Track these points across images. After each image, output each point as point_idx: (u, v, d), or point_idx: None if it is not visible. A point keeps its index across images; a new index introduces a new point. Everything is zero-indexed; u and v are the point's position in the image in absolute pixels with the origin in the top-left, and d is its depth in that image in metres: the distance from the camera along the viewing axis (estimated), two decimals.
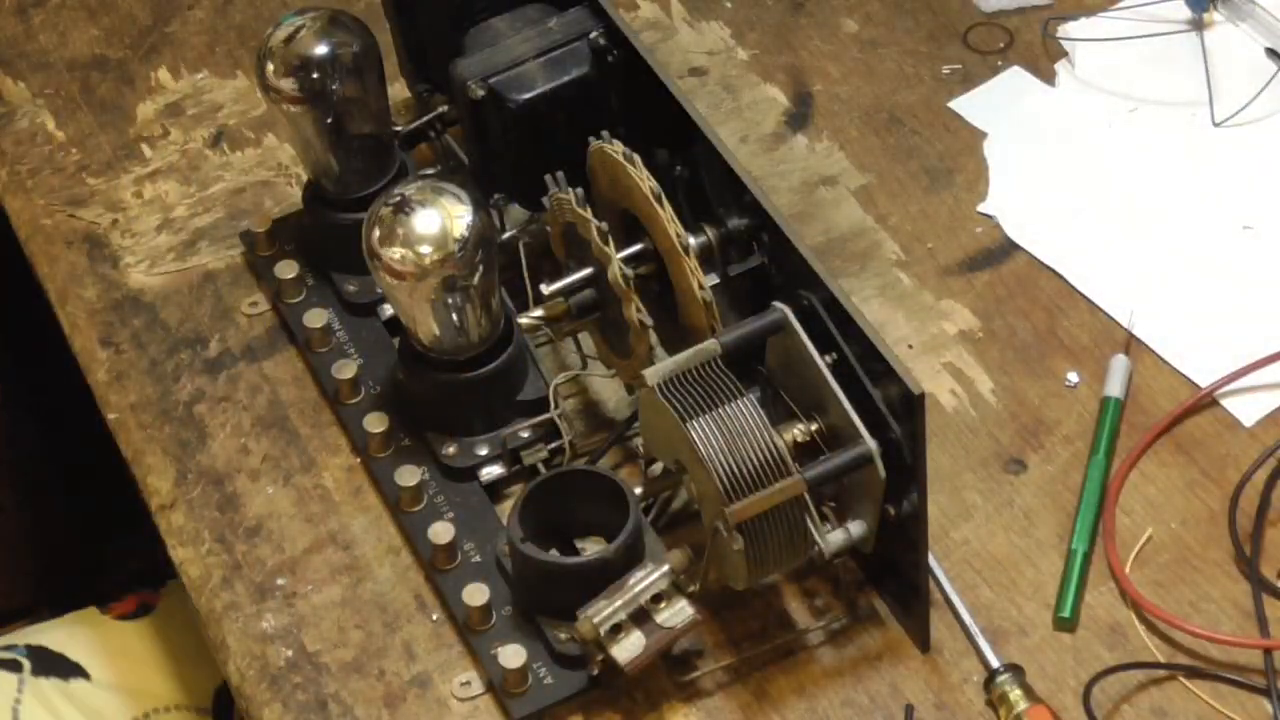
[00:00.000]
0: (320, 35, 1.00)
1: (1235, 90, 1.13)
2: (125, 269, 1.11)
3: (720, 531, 0.85)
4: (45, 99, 1.21)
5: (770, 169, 1.12)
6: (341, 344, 1.03)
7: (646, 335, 0.93)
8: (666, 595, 0.87)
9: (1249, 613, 0.91)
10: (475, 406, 0.97)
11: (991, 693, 0.88)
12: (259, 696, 0.91)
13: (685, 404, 0.85)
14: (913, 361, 1.02)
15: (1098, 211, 1.09)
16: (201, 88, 1.21)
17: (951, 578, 0.92)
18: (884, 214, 1.09)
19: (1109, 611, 0.91)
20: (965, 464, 0.97)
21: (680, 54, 1.19)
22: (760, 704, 0.89)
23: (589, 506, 0.91)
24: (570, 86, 0.99)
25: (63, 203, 1.15)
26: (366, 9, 1.21)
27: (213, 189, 1.15)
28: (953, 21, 1.19)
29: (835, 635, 0.91)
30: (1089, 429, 0.98)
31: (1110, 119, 1.13)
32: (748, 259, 0.93)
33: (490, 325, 0.96)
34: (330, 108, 1.01)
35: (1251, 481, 0.95)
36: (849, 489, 0.88)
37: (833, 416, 0.87)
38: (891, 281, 1.06)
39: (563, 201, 0.94)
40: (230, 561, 0.96)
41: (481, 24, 1.03)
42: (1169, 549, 0.93)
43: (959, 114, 1.14)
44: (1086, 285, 1.05)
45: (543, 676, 0.89)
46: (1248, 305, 1.03)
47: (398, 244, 0.92)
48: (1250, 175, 1.09)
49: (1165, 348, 1.01)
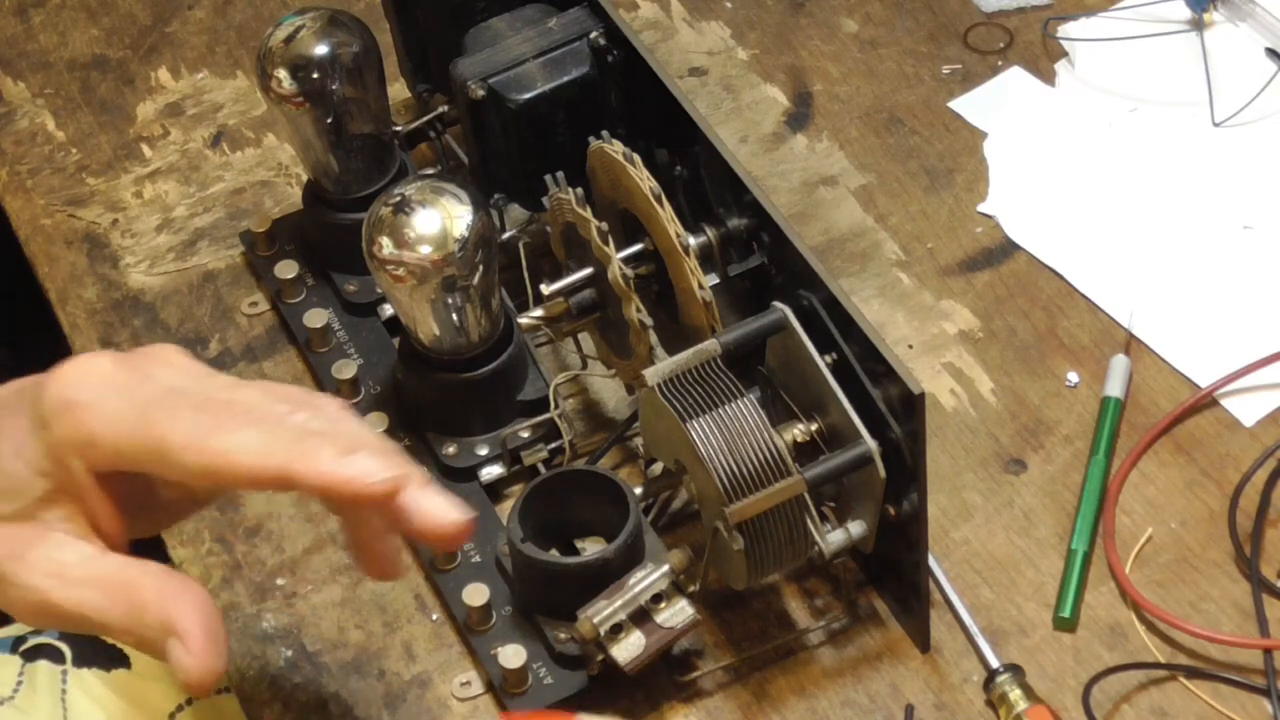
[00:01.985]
0: (320, 35, 1.00)
1: (1235, 90, 1.13)
2: (125, 269, 1.11)
3: (720, 531, 0.85)
4: (45, 99, 1.21)
5: (770, 169, 1.12)
6: (341, 344, 1.03)
7: (646, 335, 0.93)
8: (666, 595, 0.87)
9: (1249, 613, 0.91)
10: (475, 406, 0.97)
11: (991, 693, 0.88)
12: (259, 696, 0.91)
13: (685, 404, 0.85)
14: (913, 361, 1.02)
15: (1098, 211, 1.09)
16: (201, 88, 1.21)
17: (951, 578, 0.92)
18: (884, 214, 1.09)
19: (1109, 611, 0.91)
20: (965, 464, 0.98)
21: (680, 54, 1.19)
22: (760, 704, 0.89)
23: (589, 506, 0.91)
24: (570, 86, 0.99)
25: (63, 203, 1.15)
26: (366, 9, 1.21)
27: (213, 189, 1.15)
28: (953, 21, 1.19)
29: (835, 635, 0.91)
30: (1089, 429, 0.98)
31: (1110, 119, 1.13)
32: (748, 259, 0.93)
33: (490, 325, 0.96)
34: (330, 108, 1.01)
35: (1251, 481, 0.95)
36: (849, 489, 0.88)
37: (833, 416, 0.87)
38: (891, 281, 1.06)
39: (563, 201, 0.94)
40: (230, 561, 0.96)
41: (481, 24, 1.03)
42: (1169, 549, 0.93)
43: (959, 114, 1.14)
44: (1086, 285, 1.05)
45: (543, 676, 0.89)
46: (1248, 305, 1.03)
47: (398, 244, 0.92)
48: (1250, 175, 1.09)
49: (1165, 348, 1.01)
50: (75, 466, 0.72)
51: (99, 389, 0.72)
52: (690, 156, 0.95)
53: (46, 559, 0.72)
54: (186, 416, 0.72)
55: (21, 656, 1.10)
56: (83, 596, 0.72)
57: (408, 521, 0.74)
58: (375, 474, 0.72)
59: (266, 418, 0.72)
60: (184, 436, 0.71)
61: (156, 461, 0.71)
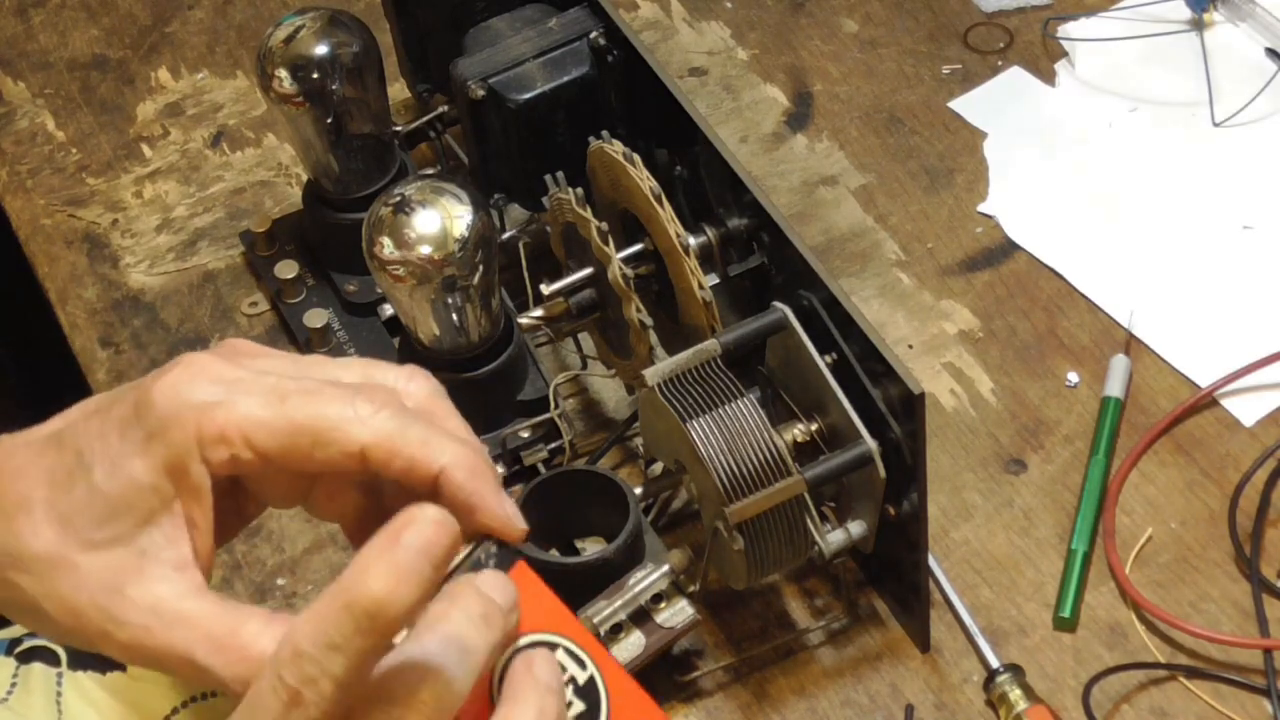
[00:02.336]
0: (320, 35, 1.00)
1: (1235, 90, 1.13)
2: (125, 269, 1.11)
3: (720, 531, 0.85)
4: (45, 99, 1.21)
5: (770, 169, 1.12)
6: (341, 344, 1.03)
7: (646, 335, 0.93)
8: (666, 595, 0.87)
9: (1249, 613, 0.91)
10: (475, 406, 0.97)
11: (991, 693, 0.88)
12: None
13: (685, 404, 0.85)
14: (913, 361, 1.02)
15: (1098, 211, 1.09)
16: (201, 88, 1.21)
17: (951, 578, 0.92)
18: (884, 214, 1.09)
19: (1109, 611, 0.91)
20: (965, 464, 0.98)
21: (680, 54, 1.19)
22: (760, 704, 0.89)
23: (589, 506, 0.91)
24: (570, 86, 0.99)
25: (63, 203, 1.15)
26: (366, 9, 1.21)
27: (213, 189, 1.15)
28: (953, 21, 1.19)
29: (835, 635, 0.91)
30: (1089, 429, 0.98)
31: (1110, 119, 1.13)
32: (748, 259, 0.93)
33: (490, 325, 0.95)
34: (330, 108, 1.01)
35: (1251, 481, 0.95)
36: (849, 489, 0.88)
37: (833, 416, 0.87)
38: (891, 281, 1.06)
39: (563, 201, 0.94)
40: (230, 561, 0.96)
41: (481, 24, 1.03)
42: (1169, 549, 0.93)
43: (959, 114, 1.14)
44: (1086, 285, 1.05)
45: None
46: (1248, 305, 1.03)
47: (398, 244, 0.92)
48: (1250, 175, 1.09)
49: (1165, 348, 1.01)
50: (197, 472, 0.68)
51: (219, 387, 0.68)
52: (690, 156, 0.95)
53: (146, 593, 0.67)
54: (331, 396, 0.69)
55: (16, 658, 1.09)
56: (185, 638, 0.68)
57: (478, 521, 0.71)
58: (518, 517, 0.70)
59: (390, 401, 0.70)
60: (335, 417, 0.68)
61: (308, 445, 0.68)
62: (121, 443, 0.68)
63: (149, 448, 0.68)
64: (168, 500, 0.68)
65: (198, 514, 0.69)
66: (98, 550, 0.67)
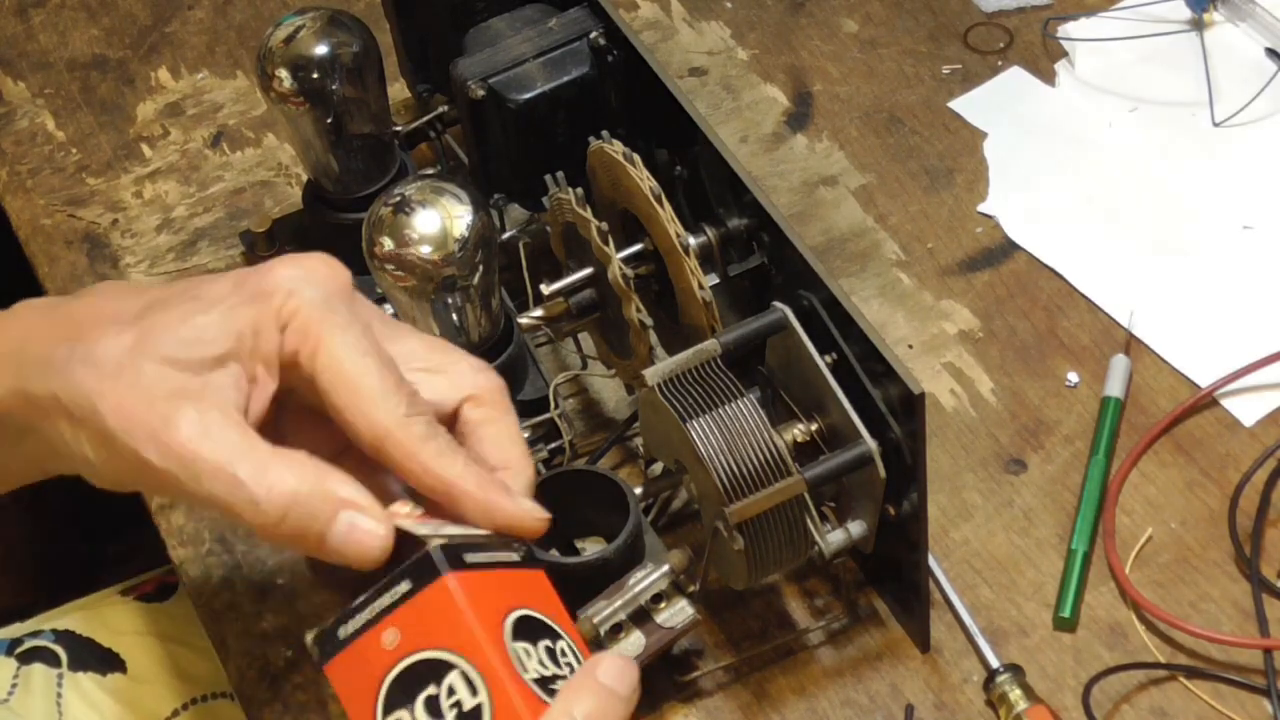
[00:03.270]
0: (320, 35, 1.00)
1: (1235, 90, 1.13)
2: (125, 269, 1.11)
3: (720, 531, 0.85)
4: (45, 99, 1.21)
5: (770, 169, 1.12)
6: None
7: (646, 335, 0.93)
8: (666, 595, 0.87)
9: (1249, 613, 0.91)
10: None
11: (991, 693, 0.88)
12: (259, 696, 0.91)
13: (685, 404, 0.85)
14: (913, 361, 1.02)
15: (1098, 211, 1.09)
16: (201, 88, 1.21)
17: (951, 578, 0.92)
18: (884, 214, 1.09)
19: (1109, 611, 0.91)
20: (965, 464, 0.98)
21: (680, 54, 1.19)
22: (760, 704, 0.89)
23: (589, 506, 0.91)
24: (570, 86, 0.99)
25: (63, 203, 1.15)
26: (366, 9, 1.21)
27: (213, 189, 1.15)
28: (953, 21, 1.19)
29: (835, 635, 0.91)
30: (1089, 429, 0.98)
31: (1110, 119, 1.13)
32: (748, 259, 0.93)
33: (490, 325, 0.95)
34: (330, 108, 1.01)
35: (1251, 481, 0.95)
36: (849, 489, 0.88)
37: (833, 416, 0.87)
38: (891, 281, 1.06)
39: (563, 201, 0.94)
40: (230, 561, 0.96)
41: (481, 24, 1.03)
42: (1169, 549, 0.93)
43: (959, 114, 1.14)
44: (1086, 285, 1.05)
45: None
46: (1248, 305, 1.03)
47: (398, 244, 0.92)
48: (1250, 175, 1.09)
49: (1165, 348, 1.01)
50: (271, 341, 0.73)
51: (331, 306, 0.74)
52: (690, 156, 0.95)
53: (203, 412, 0.72)
54: (392, 374, 0.74)
55: (17, 659, 1.09)
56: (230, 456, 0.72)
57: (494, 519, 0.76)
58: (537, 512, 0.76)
59: (427, 411, 0.76)
60: (376, 391, 0.73)
61: (346, 402, 0.73)
62: (230, 292, 0.74)
63: (251, 304, 0.73)
64: (244, 352, 0.73)
65: (262, 373, 0.74)
66: (170, 366, 0.72)
